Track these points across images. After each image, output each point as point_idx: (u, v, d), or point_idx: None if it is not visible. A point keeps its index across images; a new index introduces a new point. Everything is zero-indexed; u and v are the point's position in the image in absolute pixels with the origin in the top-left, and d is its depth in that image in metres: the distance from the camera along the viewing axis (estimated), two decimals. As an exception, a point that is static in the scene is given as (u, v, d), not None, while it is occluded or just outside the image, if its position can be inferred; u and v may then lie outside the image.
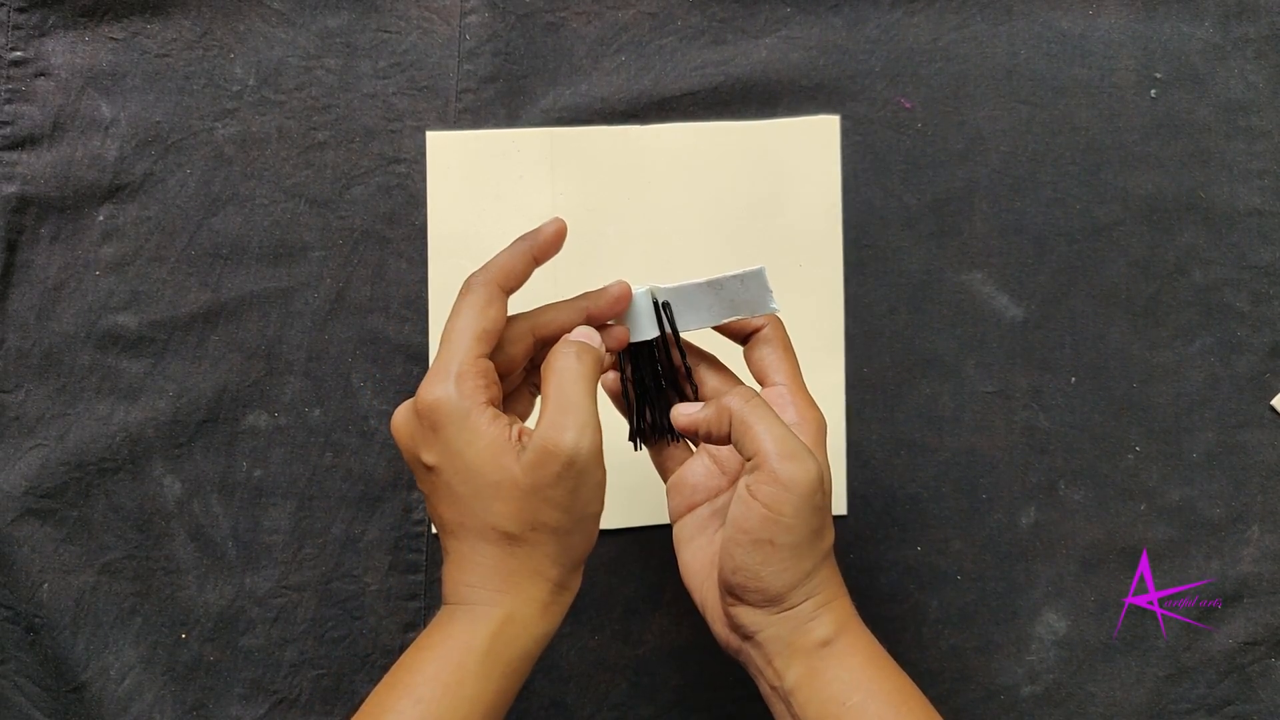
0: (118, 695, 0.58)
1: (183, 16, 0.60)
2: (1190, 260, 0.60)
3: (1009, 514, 0.60)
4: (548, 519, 0.42)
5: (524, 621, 0.43)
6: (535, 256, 0.46)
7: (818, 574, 0.44)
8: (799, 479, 0.42)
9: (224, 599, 0.59)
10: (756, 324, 0.48)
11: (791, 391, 0.47)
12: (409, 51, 0.61)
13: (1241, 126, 0.60)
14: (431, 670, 0.42)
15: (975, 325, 0.60)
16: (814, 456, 0.43)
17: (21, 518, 0.58)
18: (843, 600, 0.45)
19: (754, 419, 0.44)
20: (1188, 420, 0.60)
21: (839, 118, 0.61)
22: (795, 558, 0.43)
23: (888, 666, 0.45)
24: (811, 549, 0.44)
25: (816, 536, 0.44)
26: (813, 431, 0.46)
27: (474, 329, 0.43)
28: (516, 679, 0.43)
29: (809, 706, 0.43)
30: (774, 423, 0.44)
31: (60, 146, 0.60)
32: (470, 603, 0.43)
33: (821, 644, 0.44)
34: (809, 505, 0.43)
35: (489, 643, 0.42)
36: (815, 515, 0.43)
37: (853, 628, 0.45)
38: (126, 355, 0.59)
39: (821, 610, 0.44)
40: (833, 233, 0.61)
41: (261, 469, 0.60)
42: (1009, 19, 0.61)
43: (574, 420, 0.42)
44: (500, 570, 0.43)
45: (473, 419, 0.42)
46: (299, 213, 0.60)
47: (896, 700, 0.43)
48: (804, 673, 0.44)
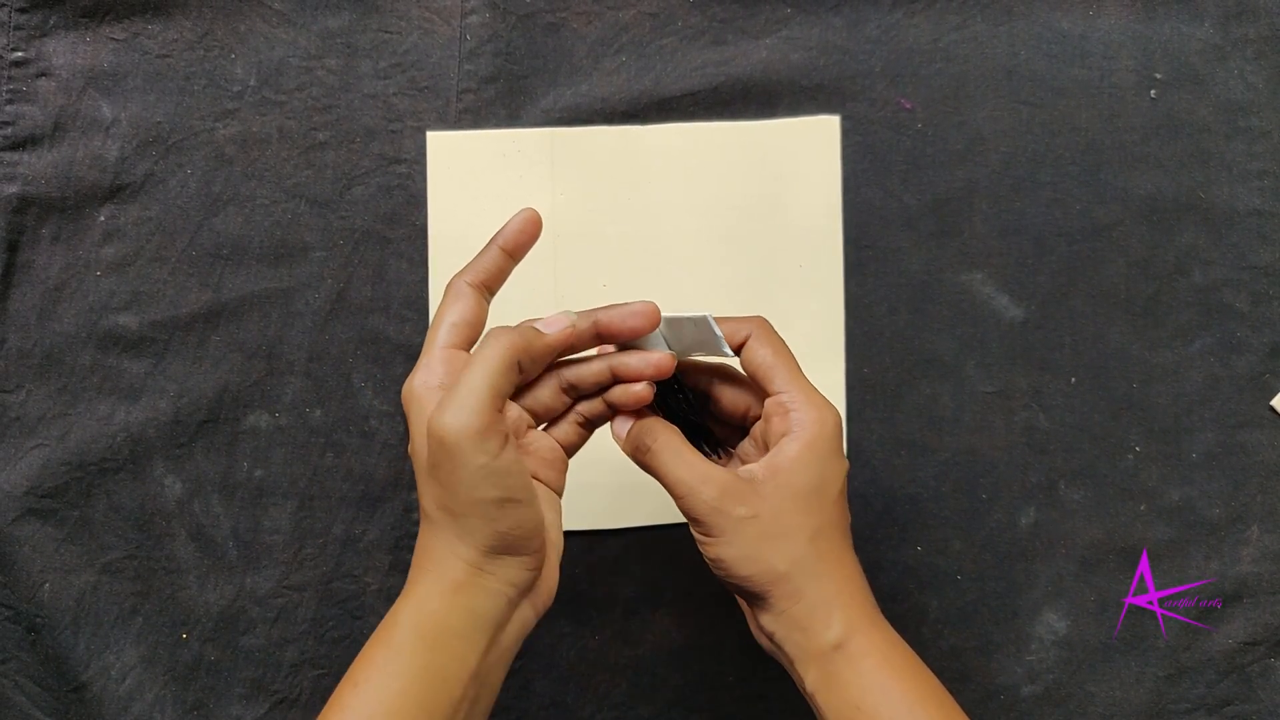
0: (118, 695, 0.58)
1: (183, 17, 0.60)
2: (1190, 260, 0.60)
3: (1009, 514, 0.60)
4: (440, 498, 0.42)
5: (438, 595, 0.43)
6: (503, 248, 0.46)
7: (814, 568, 0.44)
8: (811, 434, 0.44)
9: (224, 599, 0.59)
10: (742, 335, 0.47)
11: (791, 399, 0.45)
12: (410, 52, 0.61)
13: (1241, 127, 0.60)
14: (368, 655, 0.43)
15: (975, 325, 0.60)
16: (825, 415, 0.45)
17: (22, 517, 0.58)
18: (857, 599, 0.45)
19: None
20: (1188, 420, 0.60)
21: (839, 118, 0.61)
22: (783, 536, 0.44)
23: (905, 667, 0.44)
24: (801, 527, 0.44)
25: (809, 513, 0.44)
26: (830, 431, 0.45)
27: (442, 321, 0.45)
28: (452, 656, 0.42)
29: (828, 711, 0.43)
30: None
31: (61, 147, 0.60)
32: (413, 581, 0.44)
33: (834, 647, 0.43)
34: (804, 464, 0.44)
35: (412, 617, 0.43)
36: (808, 477, 0.44)
37: (865, 628, 0.44)
38: (127, 355, 0.59)
39: (831, 611, 0.44)
40: (833, 233, 0.61)
41: (262, 469, 0.60)
42: (1009, 19, 0.61)
43: (454, 400, 0.41)
44: (423, 548, 0.44)
45: (425, 403, 0.43)
46: (299, 213, 0.60)
47: (912, 700, 0.43)
48: (820, 677, 0.44)
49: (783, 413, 0.45)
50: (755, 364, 0.46)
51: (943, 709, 0.43)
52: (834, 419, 0.45)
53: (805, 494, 0.44)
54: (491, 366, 0.42)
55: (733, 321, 0.47)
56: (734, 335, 0.46)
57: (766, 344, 0.46)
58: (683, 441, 0.46)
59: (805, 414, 0.45)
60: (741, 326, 0.47)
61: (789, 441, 0.45)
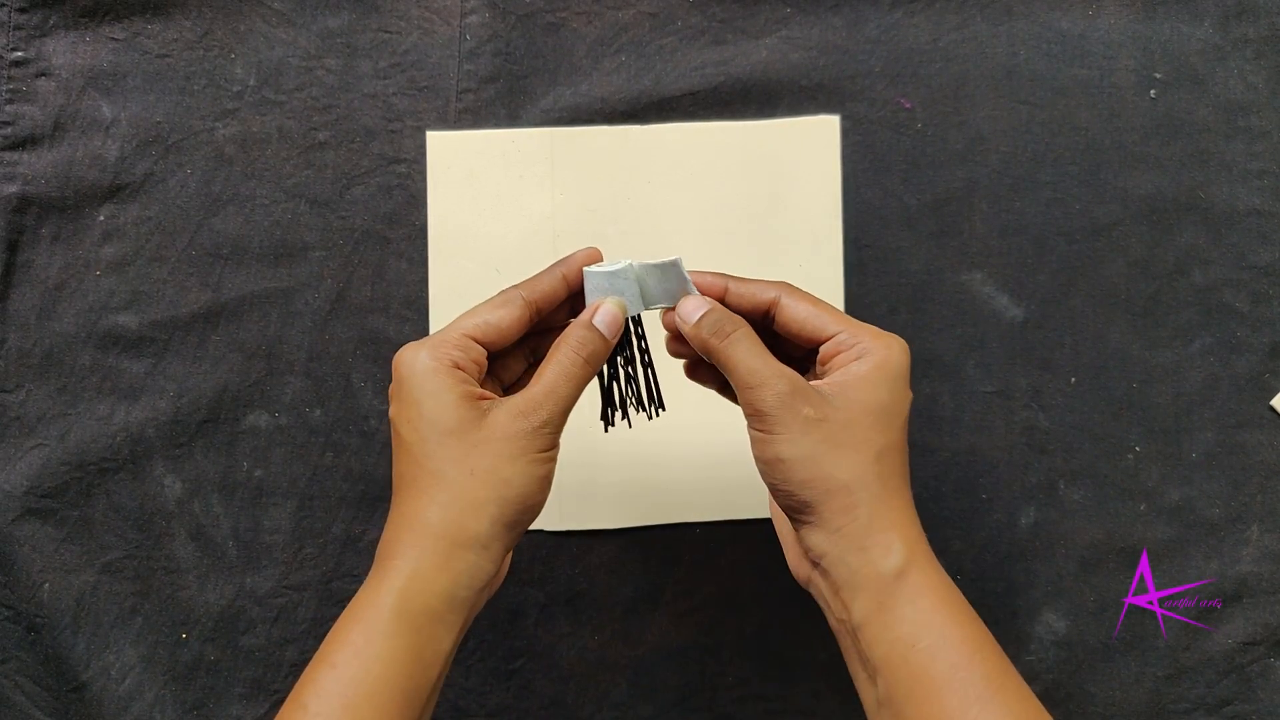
0: (118, 695, 0.58)
1: (183, 17, 0.60)
2: (1190, 260, 0.60)
3: (1009, 514, 0.60)
4: (473, 463, 0.43)
5: (426, 576, 0.42)
6: (564, 276, 0.47)
7: (877, 487, 0.42)
8: (880, 356, 0.43)
9: (224, 599, 0.59)
10: (768, 296, 0.46)
11: (851, 335, 0.44)
12: (409, 52, 0.61)
13: (1241, 126, 0.60)
14: (344, 637, 0.42)
15: (975, 325, 0.60)
16: (892, 342, 0.44)
17: (22, 517, 0.58)
18: (915, 531, 0.43)
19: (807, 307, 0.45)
20: (1187, 420, 0.60)
21: (839, 118, 0.61)
22: (848, 446, 0.42)
23: (962, 611, 0.42)
24: (867, 441, 0.42)
25: (876, 429, 0.43)
26: (897, 357, 0.44)
27: (475, 315, 0.45)
28: (428, 639, 0.42)
29: (876, 646, 0.41)
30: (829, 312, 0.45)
31: (61, 147, 0.60)
32: (386, 558, 0.43)
33: (893, 576, 0.41)
34: (873, 383, 0.43)
35: (395, 600, 0.41)
36: (877, 395, 0.43)
37: (922, 562, 0.42)
38: (127, 355, 0.59)
39: (892, 535, 0.42)
40: (833, 233, 0.61)
41: (262, 469, 0.60)
42: (1009, 19, 0.61)
43: (541, 400, 0.44)
44: (407, 523, 0.43)
45: (436, 374, 0.43)
46: (299, 213, 0.60)
47: (970, 650, 0.40)
48: (872, 608, 0.41)
49: (845, 348, 0.44)
50: (799, 319, 0.45)
51: (1002, 662, 0.41)
52: (900, 347, 0.44)
53: (875, 411, 0.43)
54: (576, 385, 0.45)
55: (755, 284, 0.46)
56: (757, 297, 0.46)
57: (801, 299, 0.46)
58: (757, 337, 0.45)
59: (870, 342, 0.44)
60: (766, 289, 0.46)
61: (857, 364, 0.43)
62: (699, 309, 0.45)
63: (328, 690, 0.40)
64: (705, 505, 0.60)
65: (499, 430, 0.43)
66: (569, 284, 0.47)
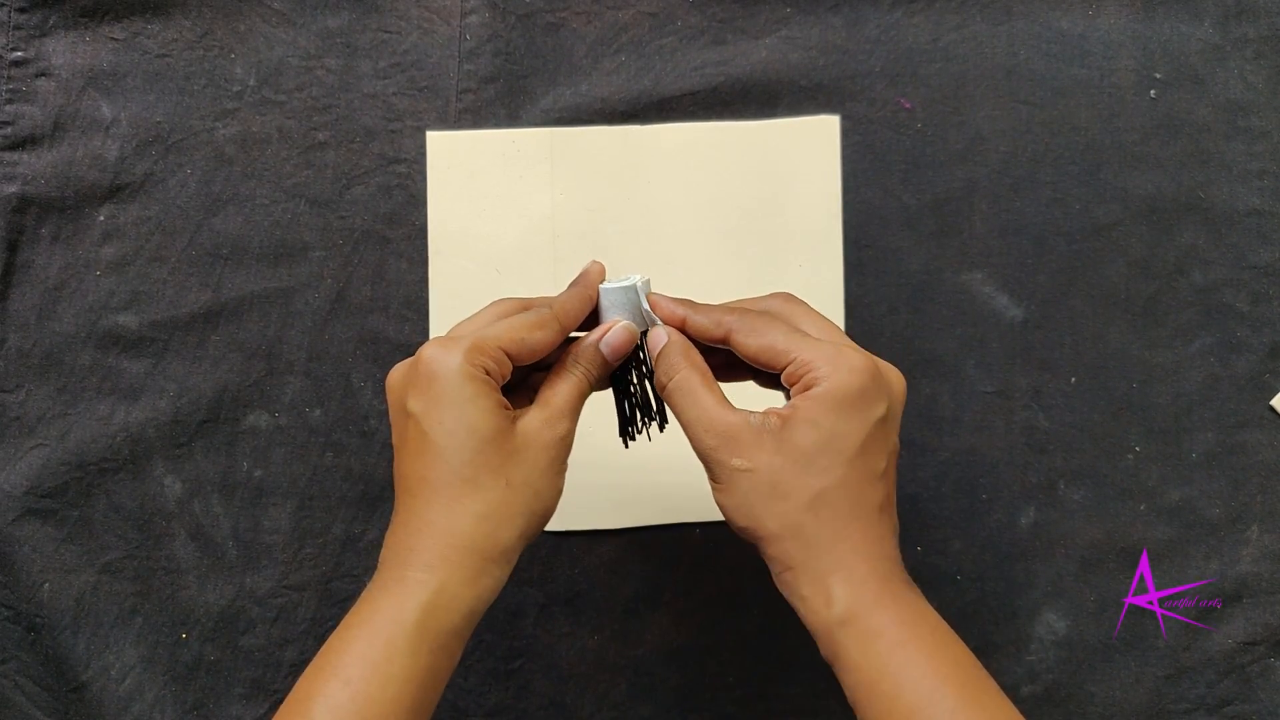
0: (118, 695, 0.58)
1: (183, 17, 0.60)
2: (1190, 260, 0.60)
3: (1009, 514, 0.60)
4: (512, 474, 0.42)
5: (454, 593, 0.41)
6: (590, 297, 0.47)
7: (810, 535, 0.41)
8: (828, 385, 0.42)
9: (224, 599, 0.59)
10: (720, 332, 0.45)
11: (804, 357, 0.42)
12: (409, 51, 0.61)
13: (1241, 126, 0.60)
14: (359, 649, 0.40)
15: (975, 325, 0.60)
16: (843, 363, 0.42)
17: (22, 517, 0.58)
18: (863, 573, 0.41)
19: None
20: (1187, 420, 0.60)
21: (839, 118, 0.61)
22: (777, 496, 0.42)
23: (928, 644, 0.41)
24: (802, 488, 0.41)
25: (812, 473, 0.41)
26: (848, 384, 0.42)
27: (512, 330, 0.44)
28: (447, 656, 0.41)
29: (845, 687, 0.41)
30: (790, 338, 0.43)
31: (61, 147, 0.60)
32: (405, 567, 0.41)
33: (837, 624, 0.41)
34: (812, 421, 0.41)
35: (420, 616, 0.40)
36: (817, 432, 0.41)
37: (875, 605, 0.41)
38: (127, 355, 0.59)
39: (829, 585, 0.41)
40: (833, 233, 0.61)
41: (262, 469, 0.60)
42: (1009, 19, 0.61)
43: (556, 408, 0.44)
44: (444, 532, 0.42)
45: (473, 380, 0.42)
46: (299, 213, 0.60)
47: (933, 683, 0.40)
48: (829, 652, 0.42)
49: (798, 377, 0.43)
50: (751, 355, 0.44)
51: (965, 689, 0.40)
52: (854, 367, 0.42)
53: (810, 453, 0.41)
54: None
55: (713, 313, 0.45)
56: (711, 333, 0.45)
57: (751, 332, 0.44)
58: (702, 380, 0.44)
59: (823, 368, 0.42)
60: (721, 322, 0.45)
61: (803, 397, 0.42)
62: (655, 347, 0.46)
63: (340, 706, 0.39)
64: (705, 506, 0.60)
65: (533, 440, 0.43)
66: (592, 304, 0.47)
